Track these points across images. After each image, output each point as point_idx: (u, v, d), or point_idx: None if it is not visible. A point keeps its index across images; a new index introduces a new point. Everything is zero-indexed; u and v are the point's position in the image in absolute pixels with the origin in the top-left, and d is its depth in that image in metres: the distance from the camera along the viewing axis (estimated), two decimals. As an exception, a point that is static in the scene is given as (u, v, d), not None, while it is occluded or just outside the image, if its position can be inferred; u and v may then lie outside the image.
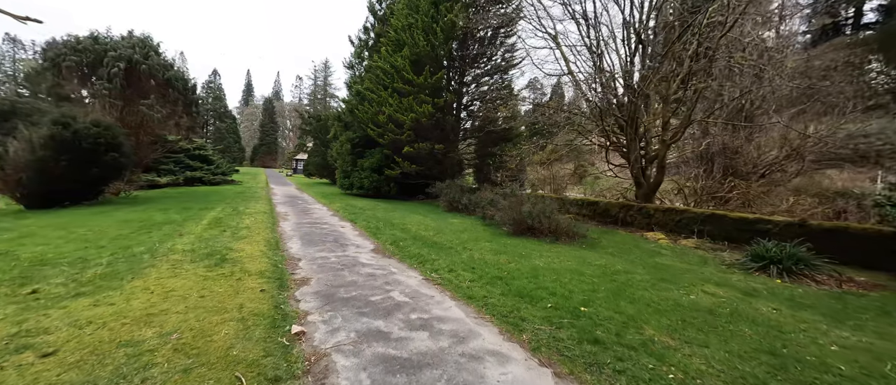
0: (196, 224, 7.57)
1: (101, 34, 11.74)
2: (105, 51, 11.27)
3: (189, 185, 18.75)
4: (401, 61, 14.58)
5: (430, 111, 14.03)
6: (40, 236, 5.84)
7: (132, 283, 3.75)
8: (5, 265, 4.17)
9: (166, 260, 4.67)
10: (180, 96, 13.80)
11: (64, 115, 9.11)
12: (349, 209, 11.79)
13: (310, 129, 28.45)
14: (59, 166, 8.82)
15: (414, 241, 7.10)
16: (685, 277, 5.32)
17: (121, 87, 11.57)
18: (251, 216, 9.14)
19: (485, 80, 18.65)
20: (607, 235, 8.99)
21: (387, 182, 16.82)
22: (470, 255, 6.17)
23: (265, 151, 69.38)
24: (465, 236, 7.97)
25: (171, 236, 6.18)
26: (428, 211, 12.95)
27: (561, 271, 5.27)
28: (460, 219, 10.98)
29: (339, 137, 17.97)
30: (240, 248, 5.65)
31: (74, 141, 9.03)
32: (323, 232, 7.82)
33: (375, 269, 5.16)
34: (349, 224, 9.11)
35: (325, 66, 75.15)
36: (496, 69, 17.86)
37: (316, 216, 10.29)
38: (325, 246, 6.45)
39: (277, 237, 6.88)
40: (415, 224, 9.35)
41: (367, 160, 16.97)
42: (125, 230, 6.56)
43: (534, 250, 6.70)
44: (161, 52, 13.21)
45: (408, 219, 10.30)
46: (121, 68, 11.27)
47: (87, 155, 9.25)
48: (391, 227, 8.61)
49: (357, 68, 19.51)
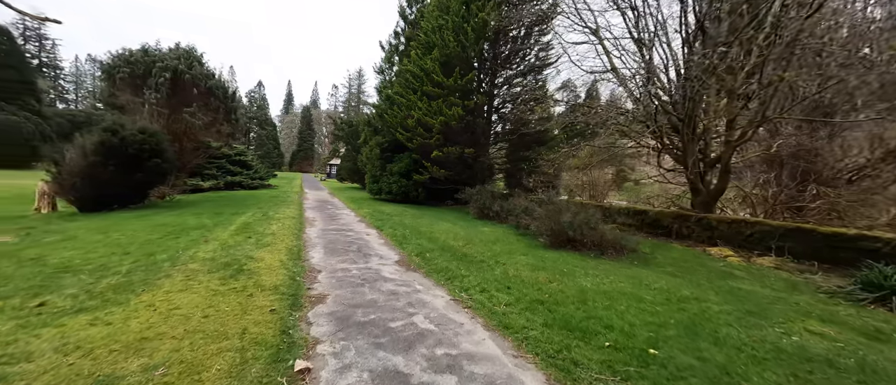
0: (224, 229, 7.53)
1: (150, 47, 12.51)
2: (153, 62, 11.93)
3: (229, 190, 19.62)
4: (430, 64, 14.23)
5: (459, 114, 13.52)
6: (79, 240, 5.97)
7: (140, 297, 3.50)
8: (31, 272, 4.13)
9: (183, 270, 4.47)
10: (221, 104, 14.36)
11: (114, 122, 9.64)
12: (376, 215, 11.51)
13: (342, 134, 29.05)
14: (107, 171, 9.29)
15: (441, 253, 6.54)
16: (776, 309, 4.29)
17: (167, 96, 12.16)
18: (279, 221, 9.06)
19: (517, 81, 17.87)
20: (661, 250, 7.89)
21: (415, 187, 16.48)
22: (504, 270, 5.50)
23: (303, 157, 72.65)
24: (497, 248, 7.28)
25: (196, 243, 6.09)
26: (457, 218, 12.37)
27: (614, 295, 4.45)
28: (491, 227, 10.29)
29: (369, 142, 17.96)
30: (260, 257, 5.39)
31: (121, 147, 9.50)
32: (347, 240, 7.49)
33: (398, 284, 4.65)
34: (375, 231, 8.75)
35: (358, 74, 77.55)
36: (530, 69, 17.02)
37: (342, 222, 10.08)
38: (347, 256, 6.06)
39: (301, 245, 6.62)
40: (443, 232, 8.80)
41: (396, 165, 16.76)
42: (156, 235, 6.59)
43: (577, 267, 5.88)
44: (204, 62, 13.83)
45: (436, 226, 9.79)
46: (167, 78, 11.86)
47: (133, 160, 9.70)
48: (418, 236, 8.12)
49: (387, 73, 19.51)
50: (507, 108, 19.10)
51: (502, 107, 18.92)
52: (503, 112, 18.95)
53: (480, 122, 16.09)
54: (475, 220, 12.03)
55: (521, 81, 17.82)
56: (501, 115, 19.01)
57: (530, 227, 8.36)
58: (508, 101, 18.85)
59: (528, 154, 17.89)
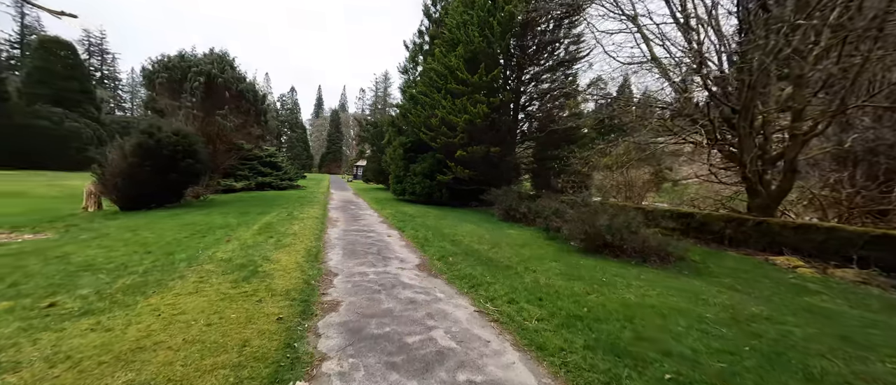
0: (247, 229, 7.53)
1: (187, 52, 13.07)
2: (189, 67, 12.42)
3: (260, 190, 20.27)
4: (454, 61, 13.86)
5: (484, 112, 13.02)
6: (109, 238, 6.10)
7: (148, 299, 3.35)
8: (54, 270, 4.15)
9: (198, 271, 4.34)
10: (251, 106, 14.76)
11: (150, 125, 10.07)
12: (399, 216, 11.26)
13: (367, 136, 29.37)
14: (144, 171, 9.69)
15: (465, 257, 6.10)
16: (877, 336, 3.48)
17: (201, 100, 12.61)
18: (302, 221, 9.01)
19: (545, 76, 17.07)
20: (713, 258, 7.00)
21: (439, 188, 16.15)
22: (534, 278, 4.97)
23: (331, 159, 74.87)
24: (525, 252, 6.74)
25: (218, 242, 6.05)
26: (481, 219, 11.88)
27: (666, 312, 3.81)
28: (518, 230, 9.71)
29: (393, 142, 17.87)
30: (277, 258, 5.22)
31: (157, 148, 9.88)
32: (368, 241, 7.23)
33: (418, 292, 4.27)
34: (396, 233, 8.46)
35: (385, 77, 78.84)
36: (559, 63, 16.19)
37: (365, 222, 9.90)
38: (366, 259, 5.78)
39: (320, 246, 6.43)
40: (467, 235, 8.36)
41: (419, 165, 16.52)
42: (183, 234, 6.65)
43: (617, 276, 5.23)
44: (235, 66, 14.27)
45: (459, 228, 9.36)
46: (201, 82, 12.30)
47: (168, 161, 10.07)
48: (441, 238, 7.73)
49: (411, 73, 19.38)
50: (535, 105, 18.36)
51: (529, 104, 18.21)
52: (530, 110, 18.22)
53: (506, 119, 15.50)
54: (501, 222, 11.48)
55: (550, 77, 17.02)
56: (528, 113, 18.29)
57: (561, 231, 7.72)
58: (536, 99, 18.11)
59: (556, 153, 17.05)
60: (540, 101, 18.12)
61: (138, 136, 9.77)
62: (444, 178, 15.12)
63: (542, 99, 17.81)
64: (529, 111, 18.19)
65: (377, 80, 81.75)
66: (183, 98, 12.52)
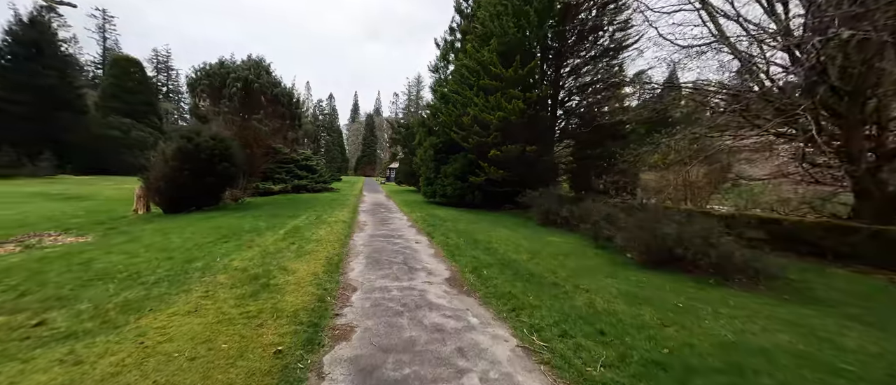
0: (274, 233, 7.29)
1: (226, 60, 13.52)
2: (227, 73, 12.77)
3: (296, 193, 20.76)
4: (487, 55, 13.07)
5: (520, 108, 12.09)
6: (139, 242, 6.06)
7: (140, 320, 2.96)
8: (69, 278, 3.97)
9: (208, 283, 3.97)
10: (286, 110, 14.98)
11: (189, 130, 10.37)
12: (429, 220, 10.66)
13: (398, 137, 29.34)
14: (183, 175, 9.95)
15: (502, 270, 5.31)
16: None
17: (239, 105, 12.92)
18: (329, 226, 8.69)
19: (586, 69, 15.74)
20: (816, 276, 5.61)
21: (471, 190, 15.41)
22: (588, 300, 4.07)
23: (366, 162, 76.89)
24: (572, 264, 5.80)
25: (240, 248, 5.78)
26: (517, 224, 10.97)
27: (784, 360, 2.78)
28: (560, 237, 8.70)
29: (423, 143, 17.42)
30: (294, 268, 4.77)
31: (195, 152, 10.12)
32: (394, 248, 6.67)
33: (447, 315, 3.57)
34: (425, 239, 7.84)
35: (417, 80, 79.64)
36: (603, 53, 14.80)
37: (393, 226, 9.40)
38: (390, 270, 5.18)
39: (343, 253, 5.96)
40: (502, 242, 7.53)
41: (451, 166, 15.89)
42: (209, 238, 6.50)
43: (695, 300, 4.18)
44: (271, 71, 14.55)
45: (494, 234, 8.56)
46: (238, 88, 12.58)
47: (205, 165, 10.28)
48: (473, 246, 6.99)
49: (442, 71, 18.85)
50: (574, 100, 17.04)
51: (568, 99, 16.93)
52: (570, 105, 16.92)
53: (544, 116, 14.43)
54: (539, 227, 10.49)
55: (592, 69, 15.66)
56: (567, 108, 16.99)
57: (614, 240, 6.66)
58: (575, 93, 16.80)
59: (598, 151, 15.61)
60: (580, 96, 16.80)
61: (178, 140, 10.06)
62: (477, 180, 14.36)
63: (583, 93, 16.48)
64: (568, 107, 16.89)
65: (410, 84, 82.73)
66: (222, 103, 12.90)
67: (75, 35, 55.09)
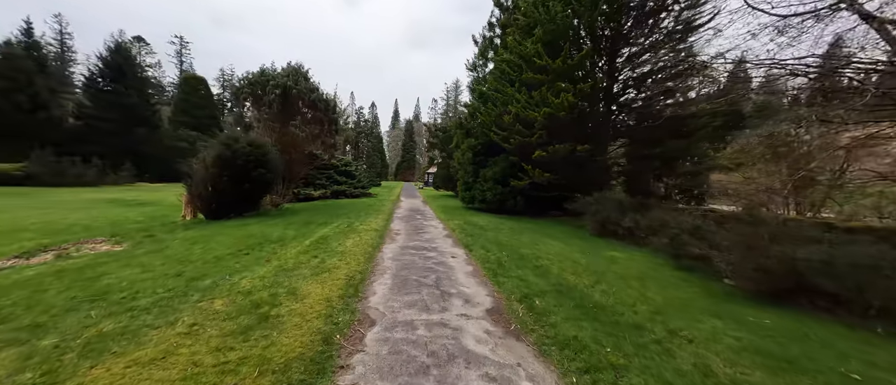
0: (299, 244, 6.76)
1: (267, 68, 13.77)
2: (267, 81, 12.93)
3: (335, 198, 20.91)
4: (531, 47, 11.85)
5: (569, 102, 10.68)
6: (159, 255, 5.79)
7: (93, 371, 2.31)
8: (61, 299, 3.56)
9: (198, 313, 3.33)
10: (323, 115, 14.94)
11: (228, 136, 10.46)
12: (466, 229, 9.66)
13: (436, 141, 28.77)
14: (222, 181, 9.99)
15: (559, 299, 4.15)
16: None
17: (278, 111, 13.00)
18: (359, 235, 8.05)
19: (646, 57, 13.82)
20: None
21: (512, 195, 14.17)
22: (697, 356, 2.80)
23: (405, 167, 78.08)
24: (653, 294, 4.46)
25: (255, 264, 5.23)
26: (568, 235, 9.57)
27: None
28: (624, 252, 7.23)
29: (461, 146, 16.51)
30: (306, 292, 4.04)
31: (233, 159, 10.14)
32: (426, 265, 5.76)
33: (491, 378, 2.54)
34: (462, 252, 6.84)
35: (455, 85, 79.54)
36: (667, 37, 12.85)
37: (427, 236, 8.54)
38: (419, 294, 4.27)
39: (368, 270, 5.17)
40: (554, 258, 6.30)
41: (490, 169, 14.78)
42: (231, 250, 6.10)
43: (878, 366, 2.72)
44: (309, 76, 14.60)
45: (542, 247, 7.33)
46: (277, 94, 12.65)
47: (242, 171, 10.28)
48: (519, 263, 5.86)
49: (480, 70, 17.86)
50: (630, 93, 15.11)
51: (623, 93, 15.04)
52: (624, 100, 15.02)
53: (596, 111, 12.81)
54: (594, 238, 9.03)
55: (652, 57, 13.71)
56: (621, 103, 15.11)
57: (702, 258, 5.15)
58: (632, 85, 14.87)
59: (658, 151, 13.56)
60: (637, 88, 14.84)
61: (217, 147, 10.16)
62: (519, 184, 13.10)
63: (641, 85, 14.52)
64: (623, 101, 15.00)
65: (448, 89, 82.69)
66: (262, 110, 13.08)
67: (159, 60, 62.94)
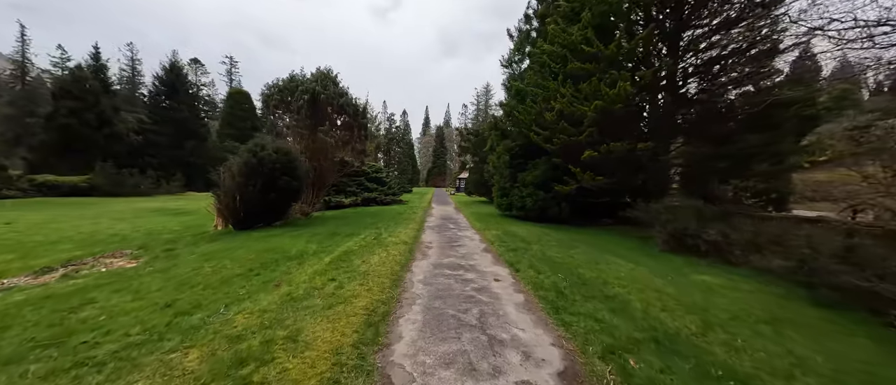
0: (317, 261, 5.92)
1: (296, 74, 13.52)
2: (296, 87, 12.61)
3: (365, 206, 20.47)
4: (578, 33, 10.45)
5: (627, 92, 9.14)
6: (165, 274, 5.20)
7: None
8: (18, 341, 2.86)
9: (164, 372, 2.45)
10: (353, 121, 14.43)
11: (255, 143, 10.10)
12: (507, 241, 8.41)
13: (468, 145, 27.70)
14: (247, 190, 9.59)
15: (664, 358, 2.83)
16: None
17: (307, 117, 12.61)
18: (386, 250, 7.11)
19: (715, 39, 11.86)
20: None
21: (556, 201, 12.68)
22: None
23: (437, 173, 77.78)
24: (807, 351, 2.99)
25: (262, 290, 4.40)
26: (631, 250, 8.01)
27: None
28: (716, 275, 5.63)
29: (496, 148, 15.27)
30: (312, 336, 3.07)
31: (259, 166, 9.73)
32: (465, 291, 4.64)
33: None
34: (507, 273, 5.64)
35: (486, 90, 78.44)
36: (741, 14, 10.87)
37: (463, 251, 7.41)
38: (459, 340, 3.15)
39: (393, 299, 4.15)
40: (628, 284, 4.91)
41: (530, 173, 13.39)
42: (242, 269, 5.39)
43: None
44: (338, 81, 14.17)
45: (606, 268, 5.93)
46: (305, 100, 12.26)
47: (268, 179, 9.84)
48: (584, 291, 4.56)
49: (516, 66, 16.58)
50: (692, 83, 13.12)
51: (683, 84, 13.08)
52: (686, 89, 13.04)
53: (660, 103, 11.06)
54: (667, 255, 7.41)
55: (721, 39, 11.73)
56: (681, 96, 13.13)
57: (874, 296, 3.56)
58: (695, 74, 12.89)
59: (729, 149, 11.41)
60: (701, 78, 12.83)
61: (244, 154, 9.80)
62: (564, 189, 11.61)
63: (707, 72, 12.52)
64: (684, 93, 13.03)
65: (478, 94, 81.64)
66: (291, 117, 12.76)
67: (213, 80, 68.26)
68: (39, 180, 22.04)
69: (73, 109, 26.13)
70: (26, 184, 21.22)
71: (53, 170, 25.62)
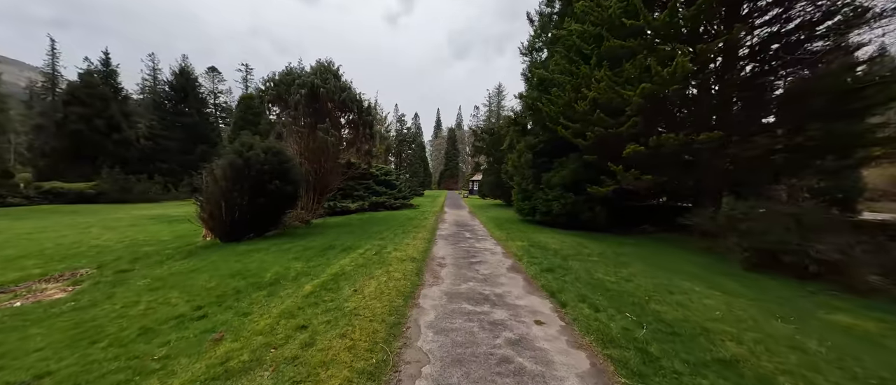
0: (295, 291, 4.49)
1: (294, 67, 12.30)
2: (293, 80, 11.36)
3: (373, 211, 19.13)
4: (616, 5, 8.78)
5: (686, 71, 7.41)
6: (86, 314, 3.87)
7: None
8: None
9: None
10: (357, 118, 13.10)
11: (242, 143, 8.85)
12: (537, 256, 6.78)
13: (482, 145, 26.10)
14: (233, 196, 8.33)
15: None
16: None
17: (304, 113, 11.33)
18: (389, 268, 5.63)
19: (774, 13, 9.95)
20: None
21: (588, 205, 10.97)
22: None
23: (449, 175, 76.40)
24: None
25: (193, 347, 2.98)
26: (700, 266, 6.26)
27: None
28: (861, 316, 3.89)
29: (516, 146, 13.66)
30: None
31: (246, 169, 8.46)
32: (496, 351, 3.07)
33: None
34: (549, 309, 4.04)
35: (498, 91, 76.72)
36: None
37: (484, 271, 5.85)
38: None
39: (388, 365, 2.66)
40: (739, 332, 3.25)
41: (556, 173, 11.72)
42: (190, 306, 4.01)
43: None
44: (340, 74, 12.89)
45: (689, 301, 4.26)
46: (302, 94, 10.99)
47: (256, 183, 8.55)
48: (684, 354, 2.92)
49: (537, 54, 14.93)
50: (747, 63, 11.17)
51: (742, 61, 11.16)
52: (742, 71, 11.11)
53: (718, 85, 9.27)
54: (753, 275, 5.64)
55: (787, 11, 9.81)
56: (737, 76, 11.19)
57: None
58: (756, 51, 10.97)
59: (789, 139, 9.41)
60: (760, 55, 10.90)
61: (228, 155, 8.56)
62: (601, 190, 9.90)
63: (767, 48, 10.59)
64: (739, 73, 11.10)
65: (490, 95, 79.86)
66: (288, 114, 11.52)
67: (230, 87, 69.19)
68: (46, 187, 21.69)
69: (82, 115, 25.93)
70: (32, 191, 20.87)
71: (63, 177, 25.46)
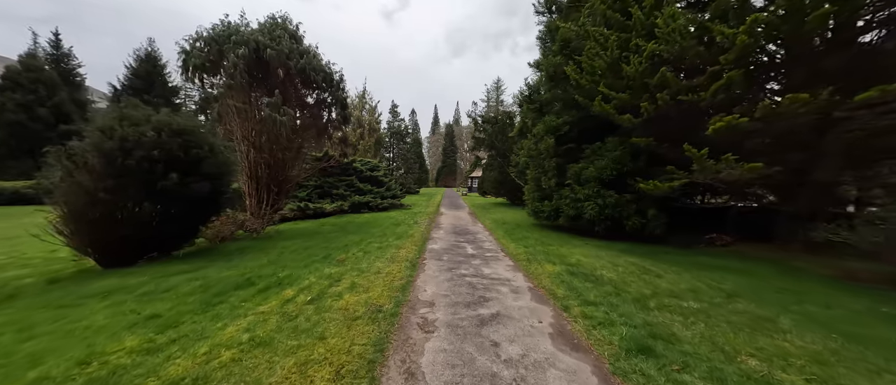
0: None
1: (233, 22, 9.10)
2: (229, 37, 8.20)
3: (354, 213, 16.05)
4: None
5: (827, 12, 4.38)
6: None
7: None
8: None
9: None
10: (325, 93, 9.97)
11: (113, 116, 5.74)
12: (592, 299, 3.71)
13: (483, 136, 23.05)
14: (98, 195, 5.21)
15: None
16: None
17: (246, 84, 8.19)
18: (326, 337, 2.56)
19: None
20: None
21: (637, 207, 7.95)
22: None
23: (447, 172, 73.48)
24: None
25: None
26: (867, 314, 3.22)
27: None
28: None
29: (532, 130, 10.58)
30: None
31: (125, 156, 5.34)
32: None
33: None
34: None
35: (496, 85, 73.86)
36: None
37: (506, 330, 2.77)
38: None
39: None
40: None
41: (590, 164, 8.68)
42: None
43: None
44: (301, 37, 9.73)
45: None
46: (238, 56, 7.83)
47: (137, 178, 5.44)
48: None
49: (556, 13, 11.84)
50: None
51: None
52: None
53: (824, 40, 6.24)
54: None
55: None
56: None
57: None
58: None
59: None
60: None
61: (94, 135, 5.43)
62: (662, 186, 6.87)
63: None
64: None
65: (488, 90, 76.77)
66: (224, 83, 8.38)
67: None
68: (-28, 187, 18.37)
69: (21, 103, 22.54)
70: (-46, 191, 17.55)
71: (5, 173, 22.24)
